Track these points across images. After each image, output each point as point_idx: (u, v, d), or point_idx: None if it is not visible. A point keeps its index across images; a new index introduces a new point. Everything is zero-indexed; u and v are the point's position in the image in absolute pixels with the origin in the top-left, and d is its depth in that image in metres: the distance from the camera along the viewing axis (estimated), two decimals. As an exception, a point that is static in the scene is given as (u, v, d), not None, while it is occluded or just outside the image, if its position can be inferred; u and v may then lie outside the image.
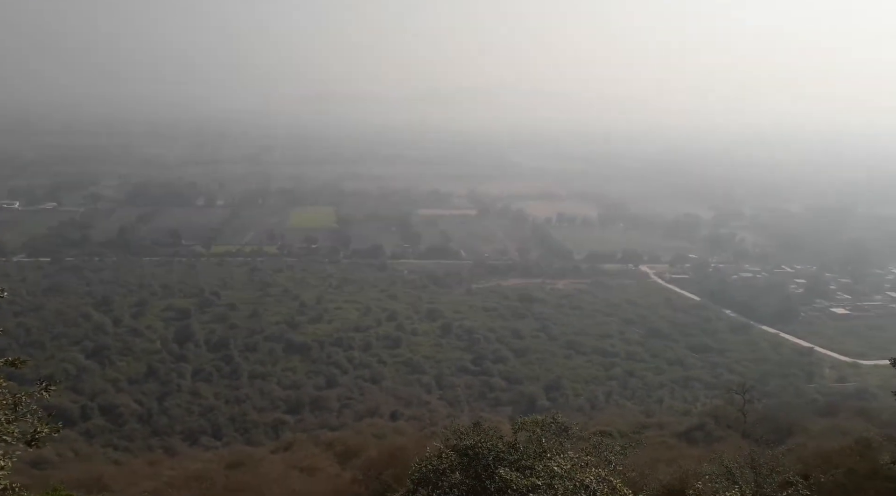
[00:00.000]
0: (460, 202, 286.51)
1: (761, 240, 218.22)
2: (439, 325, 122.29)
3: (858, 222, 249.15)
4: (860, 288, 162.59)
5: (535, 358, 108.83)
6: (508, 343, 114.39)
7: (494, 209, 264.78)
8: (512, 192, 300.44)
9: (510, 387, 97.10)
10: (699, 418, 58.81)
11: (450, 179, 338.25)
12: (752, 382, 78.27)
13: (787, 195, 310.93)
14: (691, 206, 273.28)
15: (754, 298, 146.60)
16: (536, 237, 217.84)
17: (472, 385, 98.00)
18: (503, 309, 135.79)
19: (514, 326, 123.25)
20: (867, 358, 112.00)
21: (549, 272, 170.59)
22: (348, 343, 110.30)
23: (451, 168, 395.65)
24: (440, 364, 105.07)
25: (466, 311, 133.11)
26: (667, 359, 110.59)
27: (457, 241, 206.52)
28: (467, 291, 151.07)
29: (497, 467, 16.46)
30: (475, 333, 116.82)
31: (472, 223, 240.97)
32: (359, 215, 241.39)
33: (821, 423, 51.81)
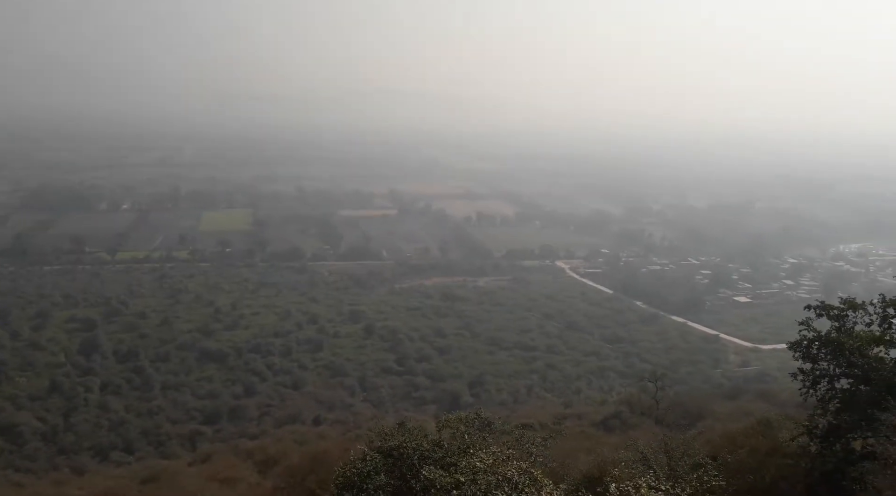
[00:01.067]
0: (381, 202, 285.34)
1: (668, 234, 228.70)
2: (362, 327, 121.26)
3: (757, 216, 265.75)
4: (759, 277, 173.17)
5: (459, 355, 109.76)
6: (432, 342, 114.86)
7: (415, 209, 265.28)
8: (432, 192, 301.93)
9: (434, 385, 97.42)
10: (615, 407, 61.02)
11: (370, 180, 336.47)
12: (663, 370, 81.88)
13: (691, 192, 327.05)
14: (603, 204, 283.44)
15: (663, 290, 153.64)
16: (457, 236, 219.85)
17: (396, 385, 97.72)
18: (426, 308, 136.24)
19: (437, 325, 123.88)
20: (767, 343, 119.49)
21: (471, 270, 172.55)
22: (267, 349, 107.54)
23: (372, 168, 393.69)
24: (364, 366, 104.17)
25: (389, 312, 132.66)
26: (583, 351, 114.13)
27: (378, 241, 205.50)
28: (390, 291, 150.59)
29: (422, 466, 16.47)
30: (399, 333, 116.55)
31: (393, 223, 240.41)
32: (276, 217, 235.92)
33: (727, 406, 54.88)
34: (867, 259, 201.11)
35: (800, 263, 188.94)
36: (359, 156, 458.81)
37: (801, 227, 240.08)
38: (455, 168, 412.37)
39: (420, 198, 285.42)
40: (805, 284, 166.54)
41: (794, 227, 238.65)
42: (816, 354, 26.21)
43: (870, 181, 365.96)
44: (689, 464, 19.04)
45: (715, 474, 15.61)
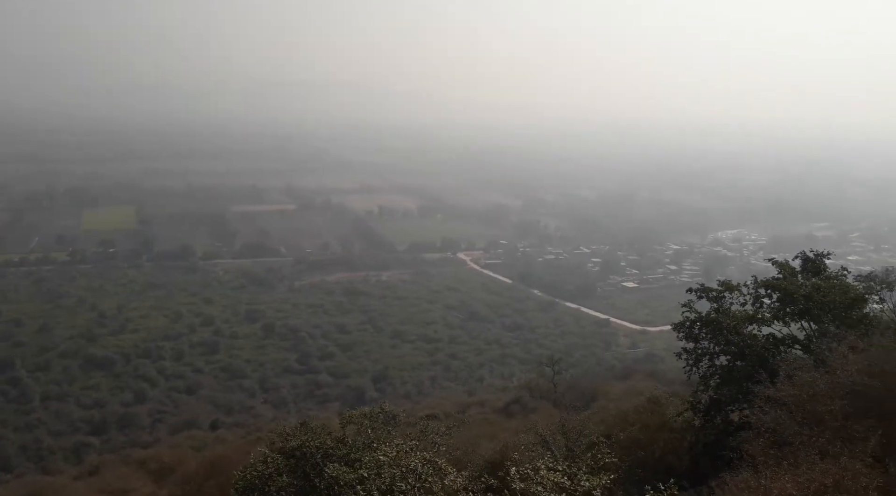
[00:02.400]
0: (278, 197, 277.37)
1: (562, 224, 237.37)
2: (260, 327, 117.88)
3: (641, 206, 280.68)
4: (645, 263, 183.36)
5: (362, 351, 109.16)
6: (334, 338, 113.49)
7: (314, 203, 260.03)
8: (332, 186, 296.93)
9: (338, 382, 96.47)
10: (516, 392, 62.72)
11: (266, 174, 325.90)
12: (560, 355, 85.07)
13: (581, 184, 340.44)
14: (501, 196, 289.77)
15: (558, 278, 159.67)
16: (359, 230, 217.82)
17: (298, 384, 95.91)
18: (328, 304, 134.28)
19: (340, 321, 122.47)
20: (653, 325, 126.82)
21: (373, 265, 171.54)
22: (158, 353, 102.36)
23: (268, 163, 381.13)
24: (263, 366, 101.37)
25: (289, 310, 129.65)
26: (485, 340, 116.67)
27: (276, 237, 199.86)
28: (289, 289, 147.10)
29: (326, 464, 16.24)
30: (299, 332, 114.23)
31: (291, 218, 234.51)
32: (164, 215, 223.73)
33: (619, 387, 57.65)
34: (741, 244, 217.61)
35: (682, 249, 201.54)
36: (253, 149, 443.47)
37: (681, 215, 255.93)
38: (355, 162, 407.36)
39: (319, 192, 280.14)
40: (687, 269, 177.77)
41: (675, 215, 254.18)
42: (698, 334, 28.04)
43: (743, 171, 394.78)
44: (585, 443, 19.87)
45: (608, 451, 16.38)
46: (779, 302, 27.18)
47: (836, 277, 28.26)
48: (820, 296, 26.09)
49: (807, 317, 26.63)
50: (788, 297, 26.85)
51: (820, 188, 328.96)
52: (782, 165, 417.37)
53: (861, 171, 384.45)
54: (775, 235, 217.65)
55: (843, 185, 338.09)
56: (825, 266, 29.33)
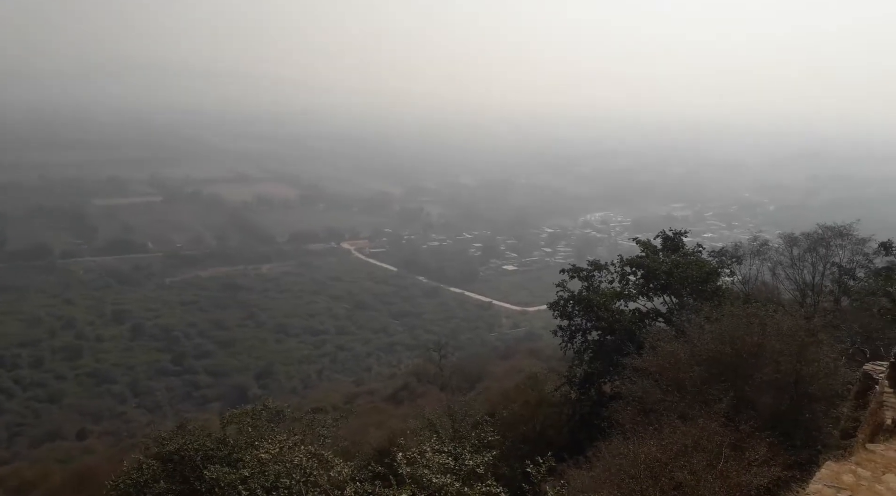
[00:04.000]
0: (144, 189, 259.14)
1: (445, 211, 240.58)
2: (129, 327, 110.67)
3: (518, 191, 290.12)
4: (523, 247, 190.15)
5: (244, 347, 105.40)
6: (212, 336, 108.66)
7: (184, 195, 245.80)
8: (203, 176, 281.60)
9: (218, 381, 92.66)
10: (403, 379, 63.32)
11: (130, 165, 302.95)
12: (446, 339, 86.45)
13: (462, 171, 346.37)
14: (383, 184, 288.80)
15: (442, 264, 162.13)
16: (235, 222, 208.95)
17: (174, 386, 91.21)
18: (204, 301, 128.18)
19: (218, 318, 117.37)
20: (532, 305, 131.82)
21: (252, 257, 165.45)
22: (12, 361, 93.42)
23: (131, 152, 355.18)
24: (134, 370, 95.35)
25: (161, 308, 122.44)
26: (372, 329, 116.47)
27: (143, 232, 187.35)
28: (160, 286, 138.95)
29: (206, 467, 15.66)
30: (173, 331, 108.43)
31: (159, 211, 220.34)
32: (15, 211, 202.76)
33: (502, 366, 59.68)
34: (609, 225, 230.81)
35: (556, 232, 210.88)
36: (115, 138, 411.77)
37: (555, 199, 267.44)
38: (228, 150, 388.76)
39: (189, 182, 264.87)
40: (561, 251, 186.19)
41: (549, 199, 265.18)
42: (571, 312, 29.60)
43: (608, 157, 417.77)
44: (470, 423, 20.44)
45: (491, 430, 16.96)
46: (643, 278, 29.24)
47: (692, 254, 30.80)
48: (679, 271, 28.29)
49: (668, 292, 28.82)
50: (651, 274, 28.94)
51: (677, 171, 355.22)
52: (643, 151, 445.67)
53: (713, 155, 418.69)
54: (639, 216, 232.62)
55: (697, 168, 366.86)
56: (683, 243, 31.84)
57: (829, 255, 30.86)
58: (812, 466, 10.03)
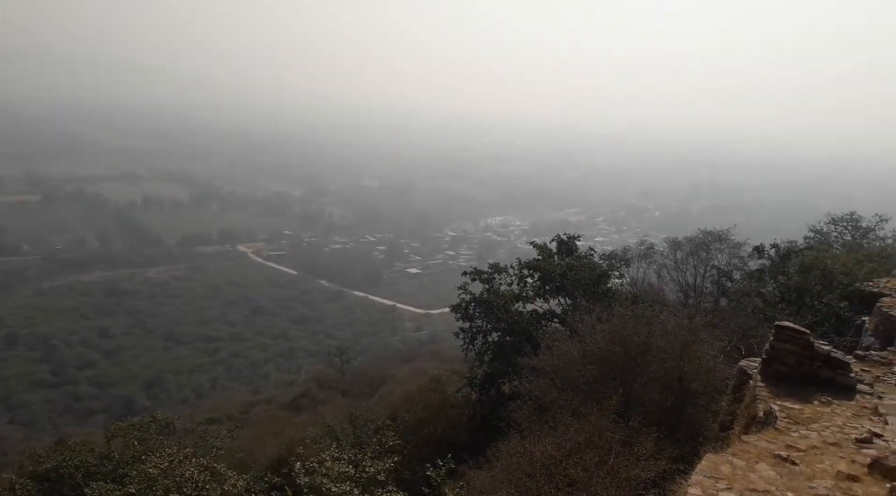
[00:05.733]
0: (17, 186, 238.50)
1: (347, 213, 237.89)
2: (1, 337, 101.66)
3: (420, 194, 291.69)
4: (426, 250, 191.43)
5: (130, 356, 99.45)
6: (95, 345, 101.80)
7: (63, 194, 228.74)
8: (84, 174, 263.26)
9: (102, 392, 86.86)
10: (303, 386, 61.79)
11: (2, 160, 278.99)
12: (348, 343, 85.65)
13: (363, 172, 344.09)
14: (282, 185, 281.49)
15: (345, 267, 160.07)
16: (120, 223, 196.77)
17: (53, 399, 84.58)
18: (85, 307, 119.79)
19: (101, 325, 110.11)
20: (435, 308, 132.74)
21: (139, 261, 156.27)
22: None
23: (2, 146, 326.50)
24: (7, 382, 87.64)
25: (37, 316, 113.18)
26: (270, 335, 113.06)
27: (16, 233, 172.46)
28: (36, 292, 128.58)
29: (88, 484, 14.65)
30: (51, 340, 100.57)
31: (35, 211, 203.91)
32: None
33: (404, 369, 59.50)
34: (508, 229, 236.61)
35: (458, 236, 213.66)
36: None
37: (456, 203, 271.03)
38: (112, 146, 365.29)
39: (69, 180, 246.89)
40: (463, 254, 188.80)
41: (450, 203, 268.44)
42: (473, 314, 30.12)
43: (503, 162, 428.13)
44: (372, 428, 20.31)
45: (392, 434, 16.92)
46: (540, 280, 30.18)
47: (585, 257, 32.10)
48: (573, 274, 29.43)
49: (563, 293, 29.91)
50: (547, 276, 29.93)
51: (570, 177, 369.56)
52: (537, 157, 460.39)
53: (602, 163, 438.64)
54: (536, 220, 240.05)
55: (588, 175, 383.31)
56: (576, 247, 33.14)
57: (709, 259, 33.14)
58: (694, 459, 10.68)
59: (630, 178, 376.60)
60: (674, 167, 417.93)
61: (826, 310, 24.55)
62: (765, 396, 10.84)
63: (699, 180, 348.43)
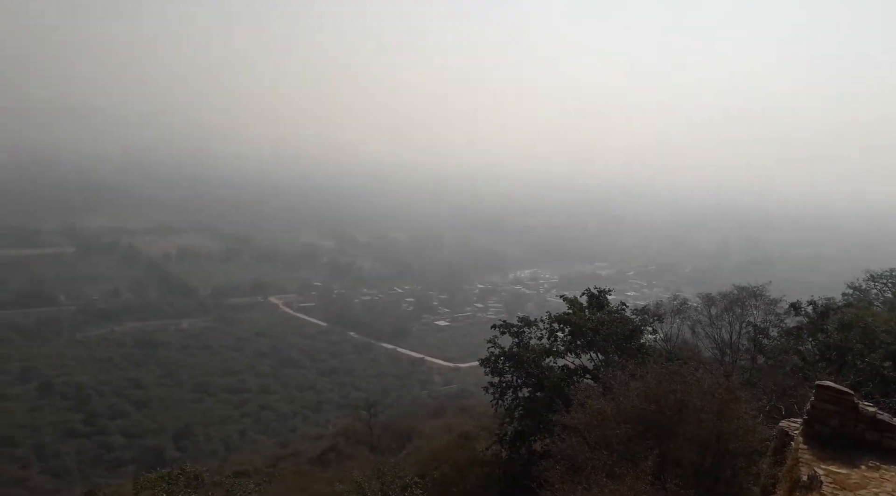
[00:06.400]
0: (55, 239, 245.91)
1: (376, 265, 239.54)
2: (35, 386, 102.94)
3: (448, 247, 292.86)
4: (455, 302, 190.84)
5: (161, 407, 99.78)
6: (127, 395, 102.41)
7: (99, 245, 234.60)
8: (121, 226, 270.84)
9: (132, 443, 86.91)
10: (331, 440, 61.17)
11: (38, 213, 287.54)
12: (376, 397, 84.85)
13: (389, 224, 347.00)
14: (312, 237, 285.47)
15: (374, 319, 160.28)
16: (154, 275, 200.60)
17: (84, 449, 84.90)
18: (119, 358, 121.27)
19: (133, 375, 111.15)
20: (464, 361, 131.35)
21: (172, 312, 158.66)
22: None
23: (40, 199, 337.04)
24: (40, 431, 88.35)
25: (71, 366, 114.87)
26: (299, 387, 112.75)
27: (53, 284, 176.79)
28: (70, 342, 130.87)
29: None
30: (85, 389, 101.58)
31: (72, 262, 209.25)
32: None
33: (433, 424, 58.70)
34: (538, 282, 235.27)
35: (486, 288, 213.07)
36: (17, 185, 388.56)
37: (483, 255, 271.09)
38: (147, 198, 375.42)
39: (105, 232, 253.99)
40: (492, 306, 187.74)
41: (477, 255, 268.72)
42: (502, 368, 29.78)
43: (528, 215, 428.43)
44: (400, 485, 20.03)
45: (420, 492, 16.67)
46: (570, 335, 29.83)
47: (616, 311, 31.74)
48: (604, 329, 29.07)
49: (594, 349, 29.49)
50: (578, 331, 29.59)
51: (598, 230, 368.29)
52: (563, 210, 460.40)
53: (629, 217, 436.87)
54: (565, 274, 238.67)
55: (616, 228, 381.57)
56: (607, 301, 32.83)
57: (744, 315, 32.53)
58: (735, 524, 10.33)
59: (659, 232, 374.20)
60: (702, 221, 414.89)
61: (869, 369, 23.81)
62: (808, 459, 10.50)
63: (729, 236, 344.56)
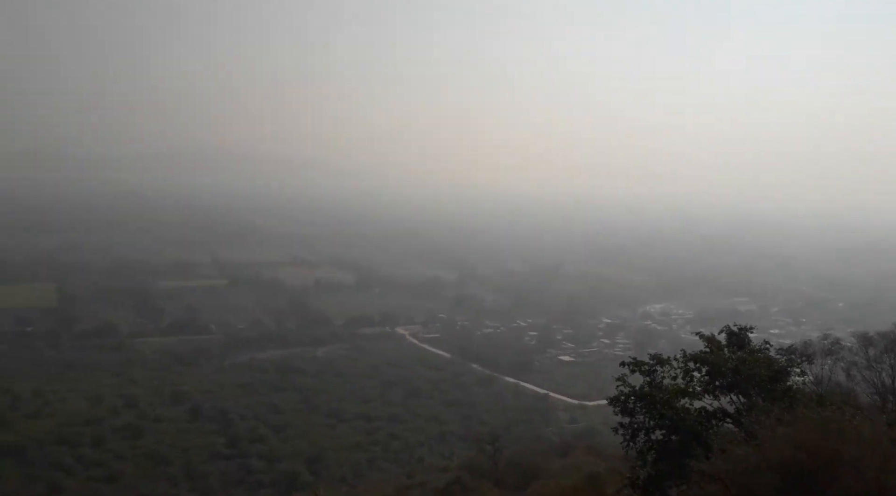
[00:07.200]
0: (207, 271, 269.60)
1: (498, 298, 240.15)
2: (187, 409, 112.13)
3: (572, 279, 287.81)
4: (580, 336, 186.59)
5: (296, 432, 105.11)
6: (266, 420, 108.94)
7: (245, 277, 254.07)
8: (264, 260, 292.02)
9: (270, 467, 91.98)
10: (456, 472, 61.61)
11: (194, 248, 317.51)
12: (500, 431, 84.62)
13: (510, 256, 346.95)
14: (436, 269, 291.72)
15: (496, 352, 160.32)
16: (292, 305, 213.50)
17: (227, 471, 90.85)
18: (259, 384, 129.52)
19: (273, 401, 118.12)
20: (591, 399, 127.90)
21: (308, 340, 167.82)
22: (76, 439, 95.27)
23: (195, 236, 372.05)
24: (189, 452, 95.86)
25: (218, 390, 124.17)
26: (425, 417, 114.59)
27: (205, 313, 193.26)
28: (219, 368, 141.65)
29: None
30: (229, 413, 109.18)
31: (221, 294, 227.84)
32: (86, 291, 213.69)
33: (559, 463, 57.58)
34: (670, 317, 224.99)
35: (614, 323, 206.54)
36: (177, 222, 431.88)
37: (610, 289, 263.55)
38: (286, 234, 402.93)
39: (250, 265, 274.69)
40: (620, 342, 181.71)
41: (604, 289, 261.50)
42: (633, 408, 28.80)
43: (659, 246, 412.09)
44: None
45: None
46: (708, 375, 28.35)
47: (759, 351, 29.85)
48: (746, 369, 27.43)
49: (735, 391, 27.87)
50: (717, 371, 28.09)
51: (736, 263, 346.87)
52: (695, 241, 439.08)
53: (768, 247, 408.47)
54: (701, 309, 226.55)
55: (756, 260, 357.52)
56: (749, 340, 30.98)
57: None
58: None
59: (803, 264, 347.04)
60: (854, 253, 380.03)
61: None
62: None
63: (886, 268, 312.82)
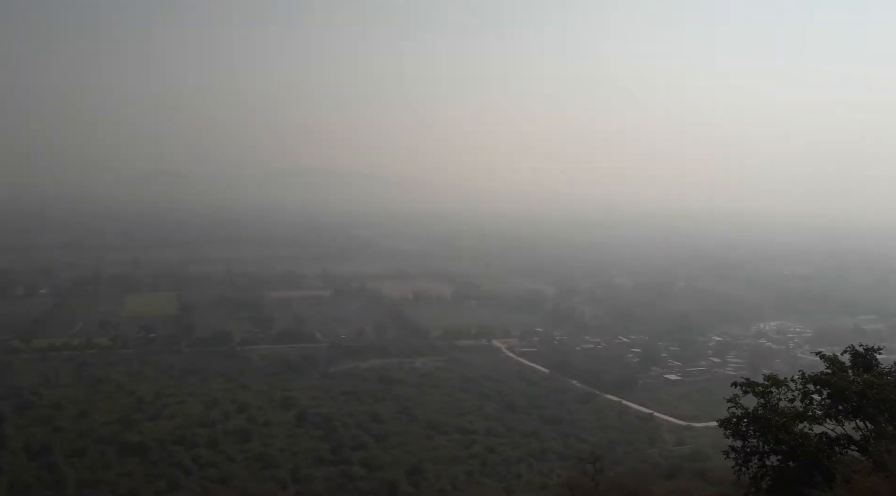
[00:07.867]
0: (314, 283, 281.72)
1: (598, 313, 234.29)
2: (294, 414, 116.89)
3: (679, 295, 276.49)
4: (687, 354, 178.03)
5: (396, 441, 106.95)
6: (368, 428, 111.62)
7: (349, 289, 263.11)
8: (367, 272, 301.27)
9: (371, 475, 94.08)
10: (555, 490, 60.50)
11: (301, 261, 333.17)
12: (601, 450, 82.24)
13: (615, 271, 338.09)
14: (534, 283, 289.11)
15: (597, 368, 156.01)
16: (393, 316, 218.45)
17: (331, 476, 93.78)
18: (361, 392, 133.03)
19: (374, 410, 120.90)
20: (699, 420, 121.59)
21: (407, 351, 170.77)
22: (192, 440, 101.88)
23: (302, 250, 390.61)
24: (296, 456, 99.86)
25: (323, 398, 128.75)
26: (522, 433, 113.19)
27: (312, 323, 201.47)
28: (323, 376, 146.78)
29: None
30: (332, 420, 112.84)
31: (326, 304, 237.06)
32: (203, 301, 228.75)
33: (665, 486, 55.30)
34: (786, 336, 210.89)
35: (724, 341, 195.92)
36: (288, 237, 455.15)
37: (720, 305, 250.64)
38: (388, 248, 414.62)
39: (354, 278, 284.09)
40: (731, 361, 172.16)
41: (713, 305, 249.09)
42: (746, 431, 27.19)
43: (775, 261, 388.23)
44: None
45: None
46: (829, 398, 26.35)
47: (889, 373, 27.46)
48: (874, 393, 25.30)
49: (861, 416, 25.77)
50: (840, 394, 26.07)
51: (861, 279, 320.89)
52: (814, 255, 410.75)
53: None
54: (820, 328, 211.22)
55: (885, 276, 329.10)
56: (877, 361, 28.55)
57: None
58: None
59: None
60: None
61: None
62: None
63: None
